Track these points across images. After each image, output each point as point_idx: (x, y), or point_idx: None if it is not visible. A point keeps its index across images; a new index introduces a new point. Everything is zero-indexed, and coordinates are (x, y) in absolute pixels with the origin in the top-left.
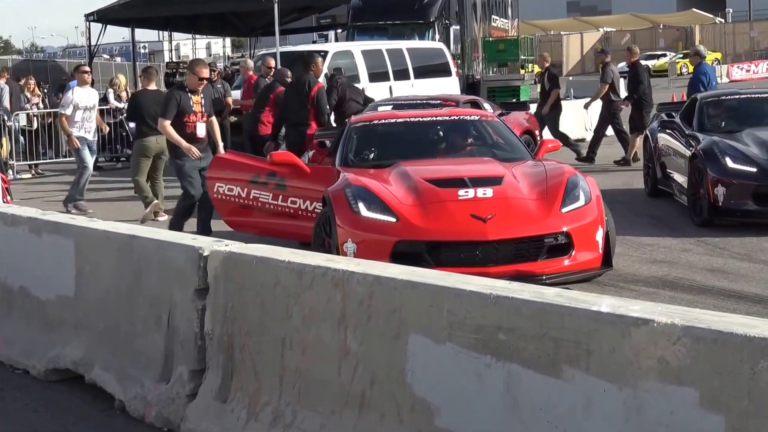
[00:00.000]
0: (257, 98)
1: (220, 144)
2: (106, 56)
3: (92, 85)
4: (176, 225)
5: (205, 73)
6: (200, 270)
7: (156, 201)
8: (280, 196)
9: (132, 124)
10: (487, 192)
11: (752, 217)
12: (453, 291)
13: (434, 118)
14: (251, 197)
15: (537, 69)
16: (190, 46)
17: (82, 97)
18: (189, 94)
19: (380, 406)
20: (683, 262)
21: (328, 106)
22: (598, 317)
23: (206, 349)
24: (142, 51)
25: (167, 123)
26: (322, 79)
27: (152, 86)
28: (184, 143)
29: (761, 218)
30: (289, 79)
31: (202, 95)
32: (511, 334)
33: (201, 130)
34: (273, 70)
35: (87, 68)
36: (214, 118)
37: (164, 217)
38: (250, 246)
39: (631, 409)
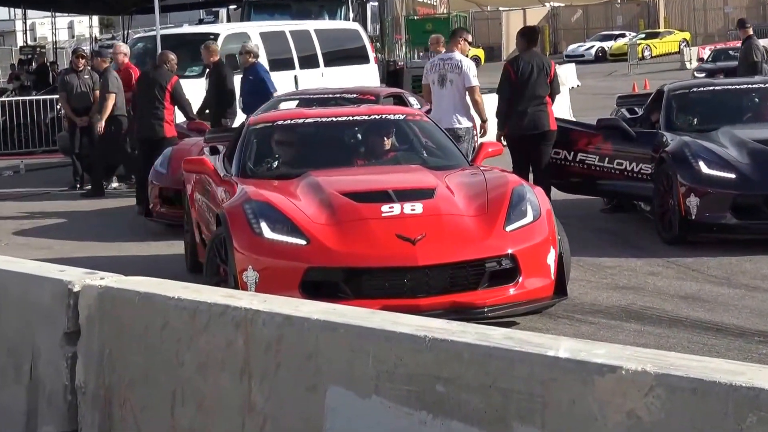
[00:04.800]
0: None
1: None
2: None
3: None
4: None
5: None
6: (69, 309)
7: None
8: None
9: None
10: (416, 207)
11: (731, 232)
12: (380, 333)
13: (350, 118)
14: None
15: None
16: (48, 25)
17: None
18: None
19: None
20: (650, 287)
21: None
22: (555, 364)
23: (78, 406)
24: None
25: None
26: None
27: None
28: None
29: (741, 234)
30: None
31: None
32: (452, 385)
33: None
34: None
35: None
36: None
37: None
38: (132, 279)
39: None
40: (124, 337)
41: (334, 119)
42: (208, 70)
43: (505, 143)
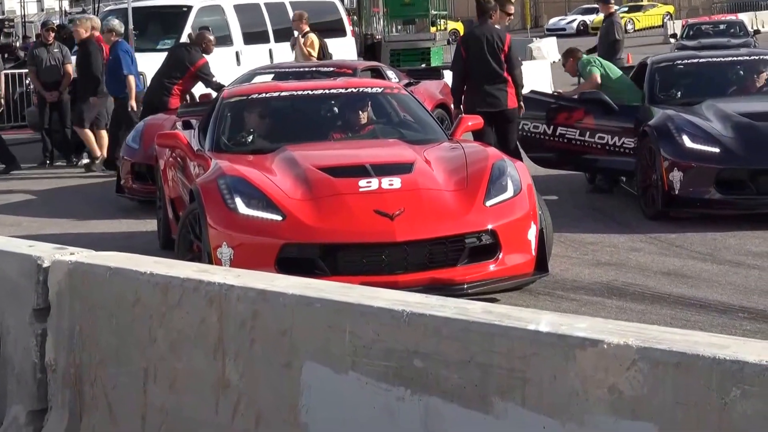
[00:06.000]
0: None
1: None
2: None
3: None
4: None
5: None
6: (39, 285)
7: None
8: None
9: None
10: (394, 182)
11: (715, 207)
12: (357, 308)
13: (326, 91)
14: None
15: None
16: None
17: None
18: None
19: None
20: (633, 263)
21: None
22: (535, 338)
23: (48, 384)
24: None
25: None
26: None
27: None
28: None
29: (726, 209)
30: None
31: None
32: (430, 360)
33: None
34: None
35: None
36: None
37: None
38: (102, 254)
39: None
40: (95, 314)
41: (311, 92)
42: (76, 47)
43: None
